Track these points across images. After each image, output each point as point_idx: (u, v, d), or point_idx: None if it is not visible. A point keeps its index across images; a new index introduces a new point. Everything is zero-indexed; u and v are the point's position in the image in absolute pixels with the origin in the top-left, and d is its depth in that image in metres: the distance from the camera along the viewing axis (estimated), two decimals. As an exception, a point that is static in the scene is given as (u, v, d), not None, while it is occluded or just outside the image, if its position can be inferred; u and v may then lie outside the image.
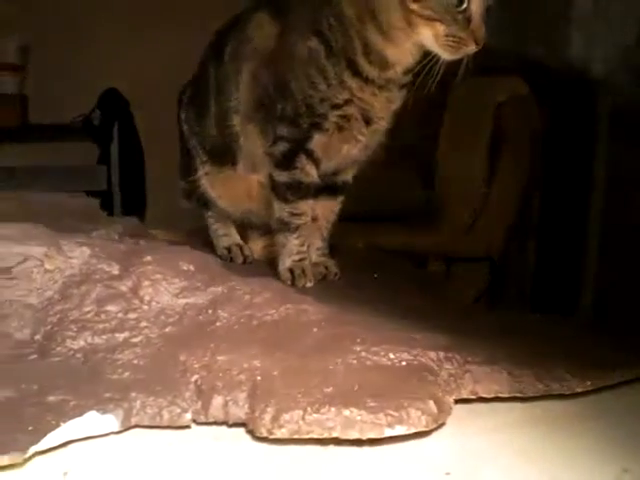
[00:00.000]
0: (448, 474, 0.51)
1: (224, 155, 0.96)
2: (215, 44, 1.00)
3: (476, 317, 0.76)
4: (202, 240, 1.03)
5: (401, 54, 0.85)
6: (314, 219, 0.95)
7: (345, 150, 0.90)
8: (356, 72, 0.85)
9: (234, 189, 0.96)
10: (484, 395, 0.60)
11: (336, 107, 0.87)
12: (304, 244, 0.88)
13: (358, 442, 0.53)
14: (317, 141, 0.88)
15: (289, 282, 0.85)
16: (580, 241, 2.05)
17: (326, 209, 0.94)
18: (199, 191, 0.99)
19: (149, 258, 0.66)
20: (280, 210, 0.88)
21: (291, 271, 0.84)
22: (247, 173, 0.93)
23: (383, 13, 0.82)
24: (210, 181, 0.98)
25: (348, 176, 0.96)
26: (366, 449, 0.53)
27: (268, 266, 0.93)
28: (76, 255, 0.66)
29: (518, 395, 0.60)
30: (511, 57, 1.94)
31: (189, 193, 1.01)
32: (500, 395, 0.59)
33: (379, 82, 0.86)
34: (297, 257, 0.86)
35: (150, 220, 2.18)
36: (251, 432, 0.53)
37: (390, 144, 0.97)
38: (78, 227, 0.85)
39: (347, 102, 0.87)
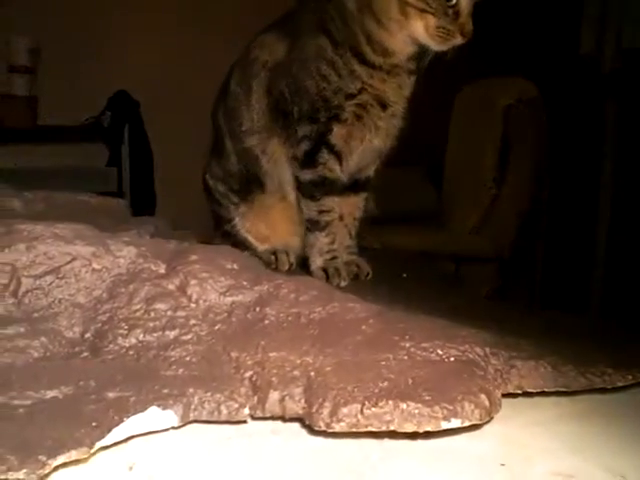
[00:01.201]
0: (503, 465, 0.52)
1: (250, 184, 0.98)
2: (219, 95, 1.04)
3: (515, 315, 0.78)
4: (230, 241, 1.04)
5: (399, 43, 0.90)
6: (340, 217, 0.97)
7: (367, 139, 0.93)
8: (363, 60, 0.90)
9: (270, 222, 0.97)
10: (530, 390, 0.61)
11: (351, 97, 0.91)
12: (334, 242, 0.89)
13: (412, 435, 0.55)
14: (337, 133, 0.91)
15: (323, 281, 0.86)
16: (588, 241, 2.07)
17: (350, 206, 0.96)
18: (238, 238, 1.00)
19: (195, 257, 0.67)
20: (308, 209, 0.90)
21: (324, 270, 0.86)
22: (275, 193, 0.95)
23: (380, 4, 0.86)
24: (246, 223, 0.99)
25: (370, 172, 0.98)
26: (420, 442, 0.55)
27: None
28: (123, 254, 0.67)
29: (562, 390, 0.62)
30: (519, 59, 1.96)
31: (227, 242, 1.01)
32: (545, 390, 0.61)
33: (386, 68, 0.91)
34: (328, 255, 0.88)
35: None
36: (308, 426, 0.55)
37: (401, 147, 1.01)
38: (112, 227, 0.86)
39: (360, 91, 0.91)
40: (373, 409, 0.52)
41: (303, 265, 0.96)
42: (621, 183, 1.94)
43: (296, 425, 0.56)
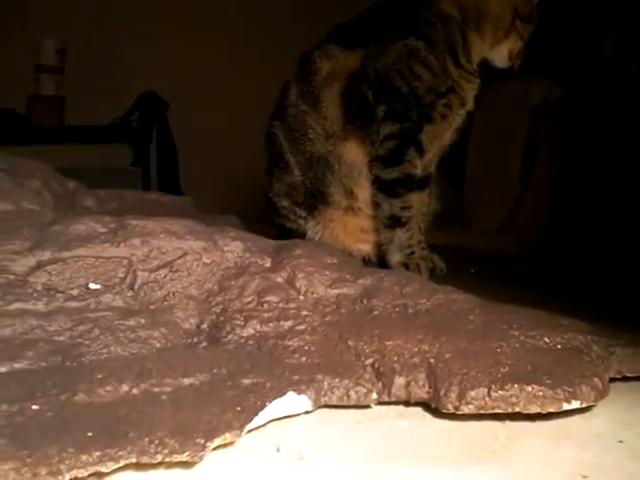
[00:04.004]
0: (621, 442, 0.55)
1: (315, 199, 1.01)
2: (274, 115, 1.09)
3: (603, 303, 0.81)
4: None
5: (479, 53, 1.03)
6: None
7: (445, 137, 0.98)
8: (456, 62, 0.99)
9: (337, 233, 1.01)
10: (628, 374, 0.65)
11: (441, 96, 0.98)
12: (412, 237, 0.93)
13: (530, 417, 0.58)
14: (426, 131, 0.97)
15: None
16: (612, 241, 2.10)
17: (420, 201, 0.99)
18: None
19: (299, 252, 0.70)
20: (391, 206, 0.93)
21: (406, 265, 0.89)
22: (340, 204, 0.99)
23: (490, 22, 0.92)
24: (316, 236, 1.02)
25: (433, 167, 1.03)
26: (538, 422, 0.58)
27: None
28: (231, 249, 0.70)
29: (659, 373, 0.65)
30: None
31: None
32: (644, 374, 0.65)
33: (470, 71, 1.01)
34: (408, 251, 0.91)
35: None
36: (432, 409, 0.58)
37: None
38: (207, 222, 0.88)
39: (449, 90, 0.99)
40: (500, 392, 0.55)
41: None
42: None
43: (418, 409, 0.59)
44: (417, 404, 0.59)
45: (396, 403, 0.59)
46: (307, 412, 0.57)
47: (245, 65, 2.37)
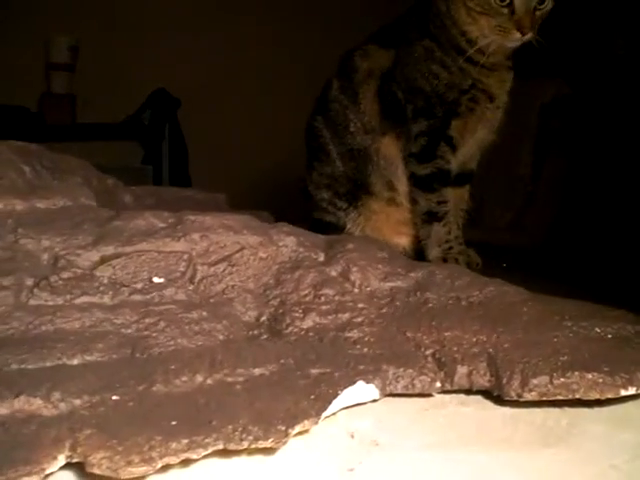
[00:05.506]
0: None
1: (358, 189, 1.04)
2: (316, 108, 1.12)
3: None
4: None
5: (480, 35, 0.99)
6: None
7: (478, 130, 1.00)
8: (468, 58, 1.00)
9: (379, 225, 1.03)
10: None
11: (464, 92, 1.00)
12: (450, 232, 0.95)
13: (587, 403, 0.60)
14: (454, 126, 1.00)
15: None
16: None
17: (458, 197, 1.02)
18: None
19: (352, 246, 0.72)
20: (427, 202, 0.96)
21: (444, 260, 0.91)
22: (382, 195, 1.01)
23: (455, 13, 0.96)
24: (357, 229, 1.04)
25: (473, 165, 1.05)
26: (596, 409, 0.60)
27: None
28: (286, 244, 0.71)
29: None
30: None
31: None
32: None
33: (487, 65, 1.01)
34: (446, 245, 0.93)
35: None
36: (492, 397, 0.60)
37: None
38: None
39: (471, 86, 1.01)
40: (561, 379, 0.57)
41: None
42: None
43: (478, 397, 0.61)
44: (477, 392, 0.61)
45: (457, 392, 0.61)
46: (374, 400, 0.59)
47: (256, 63, 2.39)
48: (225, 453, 0.51)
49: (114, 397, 0.55)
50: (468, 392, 0.61)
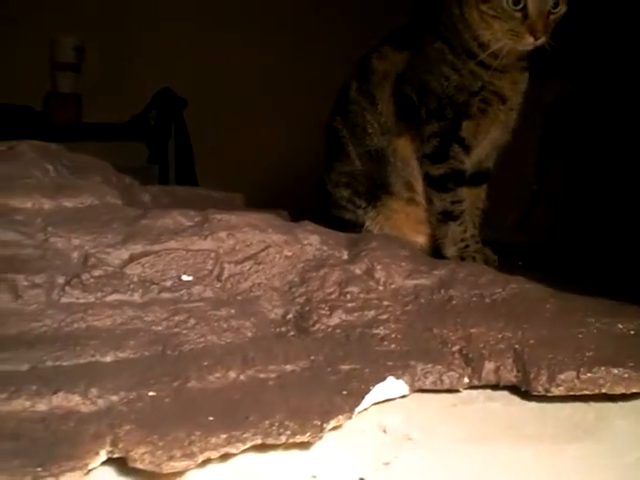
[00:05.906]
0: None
1: (377, 189, 1.05)
2: (335, 108, 1.12)
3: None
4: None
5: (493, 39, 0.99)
6: None
7: (492, 131, 1.01)
8: (479, 62, 1.00)
9: (398, 224, 1.04)
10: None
11: (474, 94, 1.01)
12: (466, 231, 0.96)
13: (611, 397, 0.61)
14: (465, 127, 1.01)
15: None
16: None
17: (474, 197, 1.03)
18: None
19: (375, 244, 0.73)
20: (442, 201, 0.97)
21: (461, 258, 0.92)
22: (402, 195, 1.02)
23: (468, 14, 0.96)
24: (376, 227, 1.05)
25: (489, 164, 1.06)
26: (620, 403, 0.61)
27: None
28: (310, 242, 0.72)
29: None
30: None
31: None
32: None
33: (500, 68, 1.01)
34: (462, 244, 0.95)
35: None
36: (519, 392, 0.61)
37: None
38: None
39: (482, 88, 1.01)
40: (588, 374, 0.58)
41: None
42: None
43: (505, 392, 0.62)
44: (504, 388, 0.62)
45: (484, 387, 0.62)
46: (403, 396, 0.60)
47: (262, 62, 2.40)
48: (262, 448, 0.52)
49: (150, 393, 0.55)
50: (495, 388, 0.63)
